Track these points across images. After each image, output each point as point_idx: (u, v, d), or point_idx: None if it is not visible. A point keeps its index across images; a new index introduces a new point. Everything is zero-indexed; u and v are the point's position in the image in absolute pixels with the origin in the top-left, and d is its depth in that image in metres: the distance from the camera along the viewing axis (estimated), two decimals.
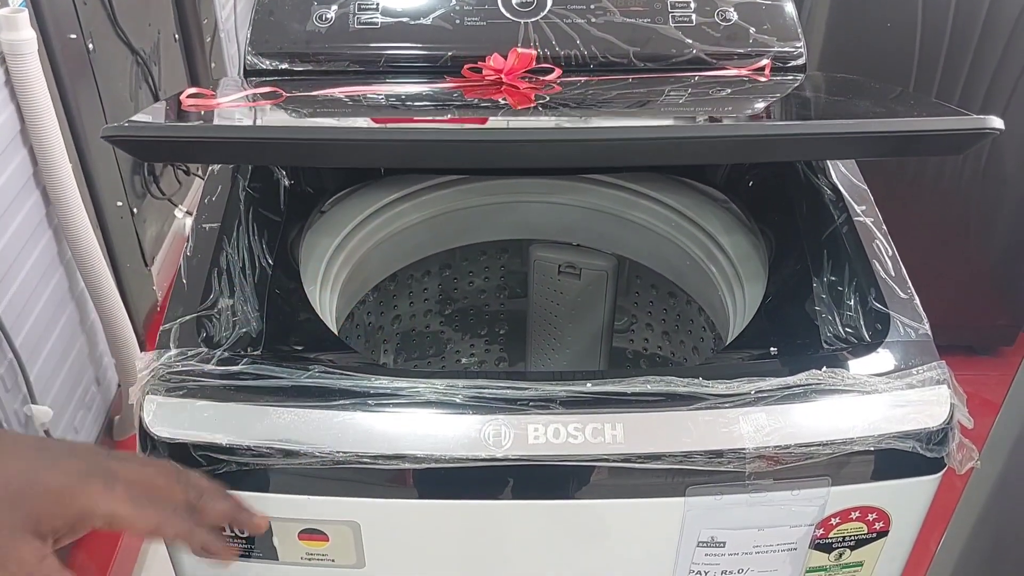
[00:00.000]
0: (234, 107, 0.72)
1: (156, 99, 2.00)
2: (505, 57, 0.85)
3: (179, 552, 0.75)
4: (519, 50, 0.84)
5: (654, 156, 0.87)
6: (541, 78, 0.85)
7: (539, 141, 0.67)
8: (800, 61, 1.06)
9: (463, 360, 1.39)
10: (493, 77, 0.85)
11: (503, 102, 0.78)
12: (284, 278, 0.87)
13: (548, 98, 0.82)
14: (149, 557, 1.68)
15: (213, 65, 2.36)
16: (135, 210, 1.87)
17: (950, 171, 1.82)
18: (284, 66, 1.05)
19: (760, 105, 0.77)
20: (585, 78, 0.92)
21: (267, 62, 1.05)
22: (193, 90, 0.76)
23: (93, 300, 1.62)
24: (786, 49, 1.06)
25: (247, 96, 0.75)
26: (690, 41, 1.05)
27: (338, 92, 0.79)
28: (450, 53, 1.04)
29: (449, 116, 0.73)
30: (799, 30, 1.07)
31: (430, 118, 0.73)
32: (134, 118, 0.72)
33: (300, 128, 0.62)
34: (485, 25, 1.05)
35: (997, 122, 0.69)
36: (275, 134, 0.63)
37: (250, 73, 1.05)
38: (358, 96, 0.80)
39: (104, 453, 0.63)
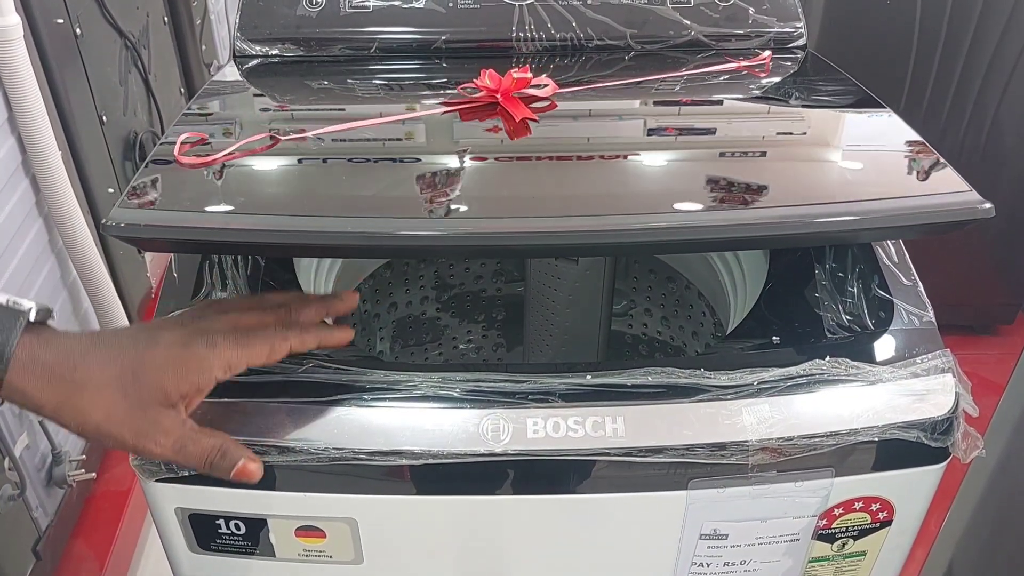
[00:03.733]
0: (230, 159, 0.74)
1: (146, 83, 1.97)
2: (500, 73, 0.85)
3: (171, 539, 0.75)
4: (515, 74, 0.85)
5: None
6: (536, 93, 0.86)
7: (536, 244, 0.69)
8: (800, 42, 1.04)
9: (460, 346, 1.38)
10: (488, 98, 0.85)
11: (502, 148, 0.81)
12: (278, 269, 0.86)
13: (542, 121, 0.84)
14: (148, 545, 1.69)
15: (204, 48, 2.33)
16: None
17: (949, 150, 1.80)
18: (274, 51, 1.03)
19: (737, 168, 0.77)
20: (580, 88, 0.91)
21: (256, 47, 1.03)
22: (185, 136, 0.76)
23: (86, 288, 1.60)
24: (786, 30, 1.04)
25: (243, 145, 0.76)
26: (688, 22, 1.03)
27: (333, 129, 0.81)
28: (443, 37, 1.03)
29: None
30: (799, 9, 1.05)
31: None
32: (133, 184, 0.70)
33: (302, 232, 0.67)
34: (479, 8, 1.03)
35: (986, 209, 0.68)
36: (282, 239, 0.67)
37: (240, 59, 1.03)
38: (354, 134, 0.81)
39: (189, 316, 0.67)
